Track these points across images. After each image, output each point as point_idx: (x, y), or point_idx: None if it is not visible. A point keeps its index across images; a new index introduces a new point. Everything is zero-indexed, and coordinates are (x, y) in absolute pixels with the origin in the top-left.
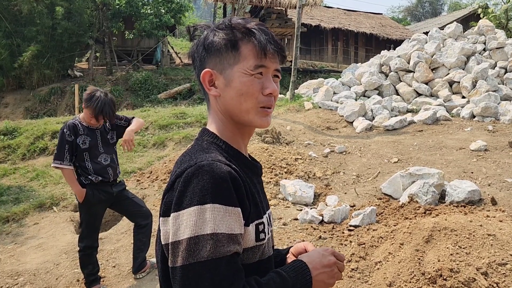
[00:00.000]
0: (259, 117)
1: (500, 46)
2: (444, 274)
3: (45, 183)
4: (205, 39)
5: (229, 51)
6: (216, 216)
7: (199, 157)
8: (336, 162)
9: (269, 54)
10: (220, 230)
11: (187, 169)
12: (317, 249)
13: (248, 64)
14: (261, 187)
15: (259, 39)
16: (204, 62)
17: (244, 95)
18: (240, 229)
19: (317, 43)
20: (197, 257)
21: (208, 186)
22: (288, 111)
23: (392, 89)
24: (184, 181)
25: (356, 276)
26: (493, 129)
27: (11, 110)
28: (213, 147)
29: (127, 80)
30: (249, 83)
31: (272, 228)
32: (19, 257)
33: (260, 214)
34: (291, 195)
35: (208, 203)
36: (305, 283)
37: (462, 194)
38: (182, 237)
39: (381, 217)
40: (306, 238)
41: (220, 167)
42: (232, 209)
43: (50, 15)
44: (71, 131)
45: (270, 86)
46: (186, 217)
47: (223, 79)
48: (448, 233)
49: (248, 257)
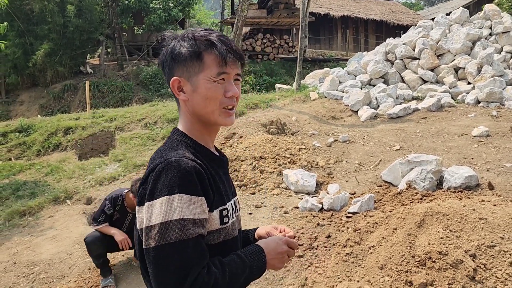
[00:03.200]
0: (223, 117)
1: (506, 30)
2: (433, 257)
3: (59, 177)
4: (172, 49)
5: (194, 61)
6: (183, 204)
7: (169, 154)
8: (339, 151)
9: (229, 63)
10: (186, 216)
11: (158, 165)
12: (274, 238)
13: (212, 72)
14: (226, 178)
15: (220, 50)
16: (173, 70)
17: (208, 99)
18: (204, 215)
19: (326, 31)
20: (167, 239)
21: (175, 179)
22: (294, 102)
23: (398, 77)
24: (156, 175)
25: (350, 260)
26: (497, 115)
27: (27, 108)
28: (181, 144)
29: (137, 74)
30: (213, 88)
31: (239, 213)
32: (35, 248)
33: (224, 201)
34: (293, 184)
35: (176, 193)
36: (260, 265)
37: (459, 180)
38: (155, 222)
39: (380, 204)
40: (305, 225)
41: (186, 162)
42: (196, 198)
43: (61, 13)
44: (112, 204)
45: (232, 90)
46: (157, 205)
47: (190, 85)
48: (440, 218)
49: (213, 238)
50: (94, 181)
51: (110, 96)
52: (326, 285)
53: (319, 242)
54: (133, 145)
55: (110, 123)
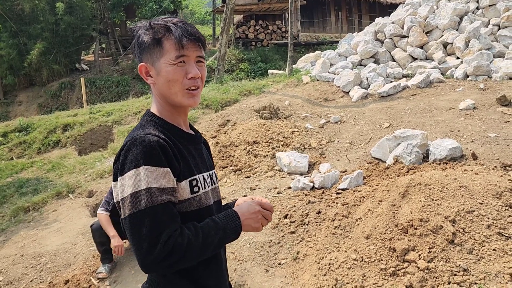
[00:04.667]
0: (186, 98)
1: (492, 3)
2: (414, 224)
3: (61, 173)
4: (138, 38)
5: (155, 47)
6: (148, 175)
7: (136, 132)
8: (331, 132)
9: (187, 45)
10: (153, 185)
11: (127, 143)
12: (248, 201)
13: (170, 56)
14: (199, 153)
15: (175, 34)
16: (141, 57)
17: (170, 81)
18: (170, 184)
19: (319, 14)
20: (138, 207)
21: (140, 154)
22: (286, 86)
23: (388, 55)
24: (124, 152)
25: (338, 232)
26: (484, 87)
27: (25, 108)
28: (150, 124)
29: (133, 68)
30: (173, 71)
31: (217, 185)
32: (41, 241)
33: (193, 172)
34: (286, 166)
35: (141, 165)
36: (234, 226)
37: (444, 152)
38: (126, 194)
39: (369, 180)
40: (297, 203)
41: (150, 138)
42: (161, 169)
43: (52, 12)
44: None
45: (192, 71)
46: (127, 179)
47: (155, 70)
48: (422, 188)
49: (186, 206)
50: (95, 175)
51: (107, 91)
52: (316, 256)
53: (310, 218)
54: None
55: (107, 117)
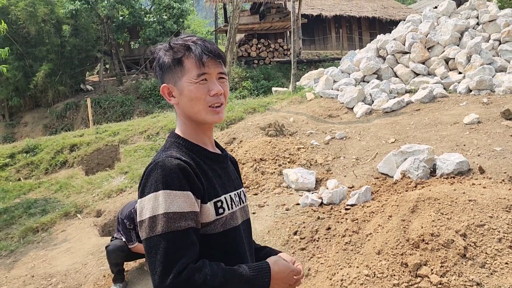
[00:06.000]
0: (211, 115)
1: (492, 19)
2: (426, 239)
3: (68, 193)
4: (158, 60)
5: (176, 67)
6: (167, 199)
7: (159, 155)
8: (337, 148)
9: (207, 63)
10: (171, 210)
11: (149, 166)
12: (289, 264)
13: (191, 74)
14: (225, 172)
15: (195, 52)
16: (162, 78)
17: (193, 99)
18: (190, 208)
19: (320, 32)
20: (155, 231)
21: (159, 177)
22: (291, 103)
23: (390, 71)
24: (146, 175)
25: (349, 248)
26: (488, 101)
27: (31, 129)
28: (173, 145)
29: (137, 88)
30: (195, 90)
31: (246, 204)
32: (51, 261)
33: (219, 193)
34: (293, 182)
35: (160, 189)
36: (263, 283)
37: (451, 166)
38: (145, 217)
39: (377, 195)
40: (306, 220)
41: (170, 161)
42: (180, 193)
43: (58, 34)
44: (130, 221)
45: (215, 88)
46: (146, 202)
47: (177, 90)
48: (431, 202)
49: (211, 228)
50: (103, 194)
51: (112, 111)
52: (328, 273)
53: (320, 234)
54: (137, 156)
55: (113, 137)
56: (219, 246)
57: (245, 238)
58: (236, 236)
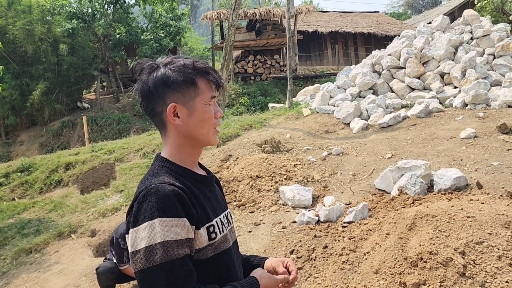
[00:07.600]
0: (214, 136)
1: (486, 33)
2: (424, 257)
3: (63, 213)
4: (166, 77)
5: (189, 87)
6: (164, 227)
7: (149, 181)
8: (334, 164)
9: (215, 86)
10: (169, 238)
11: (140, 193)
12: (273, 277)
13: (206, 96)
14: (213, 194)
15: (214, 76)
16: (165, 97)
17: (205, 121)
18: (186, 235)
19: (316, 48)
20: (153, 261)
21: (155, 205)
22: (287, 120)
23: (386, 87)
24: (138, 203)
25: (346, 267)
26: (484, 116)
27: (27, 147)
28: (162, 170)
29: (133, 106)
30: (208, 111)
31: (232, 225)
32: (43, 284)
33: (210, 218)
34: (290, 199)
35: (156, 218)
36: None
37: (448, 182)
38: (139, 247)
39: (374, 211)
40: (303, 238)
41: (165, 187)
42: (177, 220)
43: (54, 53)
44: (124, 240)
45: (219, 110)
46: (141, 231)
47: (187, 110)
48: (429, 219)
49: (203, 254)
50: (97, 214)
51: (108, 129)
52: None
53: (317, 253)
54: (133, 175)
55: (109, 155)
56: (212, 271)
57: (236, 260)
58: (228, 259)
